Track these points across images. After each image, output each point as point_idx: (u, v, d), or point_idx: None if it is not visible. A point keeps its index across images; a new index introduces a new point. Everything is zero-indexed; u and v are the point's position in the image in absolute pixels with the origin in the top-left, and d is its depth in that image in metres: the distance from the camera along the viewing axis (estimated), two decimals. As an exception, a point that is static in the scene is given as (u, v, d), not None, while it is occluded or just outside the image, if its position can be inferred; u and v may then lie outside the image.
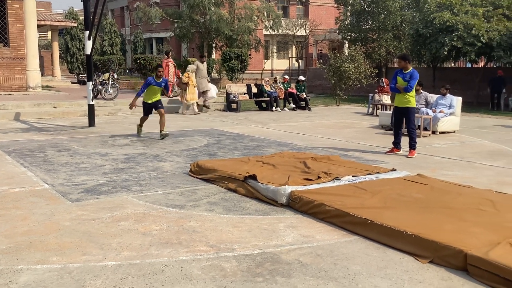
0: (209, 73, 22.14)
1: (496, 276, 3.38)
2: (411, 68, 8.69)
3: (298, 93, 18.49)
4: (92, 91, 12.60)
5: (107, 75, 17.79)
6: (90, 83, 12.58)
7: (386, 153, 8.85)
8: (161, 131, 10.16)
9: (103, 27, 35.95)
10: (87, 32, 12.24)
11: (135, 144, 9.57)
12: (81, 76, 30.48)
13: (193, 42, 29.63)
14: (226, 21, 25.71)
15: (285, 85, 18.62)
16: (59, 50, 32.18)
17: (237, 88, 18.29)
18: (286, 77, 19.49)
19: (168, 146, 9.37)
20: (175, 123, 13.03)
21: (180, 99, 16.03)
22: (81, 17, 30.05)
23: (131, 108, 10.64)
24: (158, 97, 10.41)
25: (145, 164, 7.64)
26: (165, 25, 34.49)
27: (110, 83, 17.06)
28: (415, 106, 8.86)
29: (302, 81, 19.46)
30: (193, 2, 25.11)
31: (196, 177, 6.66)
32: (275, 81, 18.86)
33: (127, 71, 39.86)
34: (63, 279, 3.47)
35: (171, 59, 17.93)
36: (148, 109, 10.48)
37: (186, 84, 15.54)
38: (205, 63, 17.07)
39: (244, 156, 8.03)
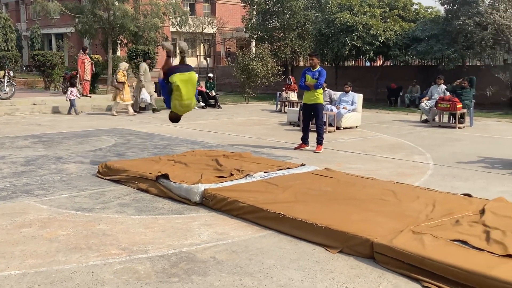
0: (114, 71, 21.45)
1: (400, 262, 3.60)
2: (319, 66, 8.99)
3: (208, 91, 18.46)
4: (-14, 90, 11.76)
5: (2, 72, 16.71)
6: (-17, 81, 11.72)
7: (295, 148, 9.10)
8: None
9: (-4, 21, 33.56)
10: (-22, 26, 11.39)
11: (36, 146, 9.03)
12: (-28, 74, 28.21)
13: (96, 39, 28.43)
14: (131, 17, 24.96)
15: (194, 83, 18.47)
16: None
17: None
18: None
19: (72, 147, 8.94)
20: (80, 123, 12.46)
21: (113, 99, 15.19)
22: (-29, 10, 27.83)
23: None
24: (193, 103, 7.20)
25: (47, 166, 7.24)
26: (65, 20, 32.78)
27: (5, 81, 15.97)
28: (323, 103, 9.19)
29: (212, 78, 19.45)
30: (95, -4, 24.12)
31: (105, 179, 6.42)
32: (184, 79, 18.63)
33: (24, 68, 37.64)
34: (-41, 293, 3.20)
35: (88, 56, 17.11)
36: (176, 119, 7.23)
37: (123, 83, 14.85)
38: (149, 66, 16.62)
39: (155, 155, 7.87)
